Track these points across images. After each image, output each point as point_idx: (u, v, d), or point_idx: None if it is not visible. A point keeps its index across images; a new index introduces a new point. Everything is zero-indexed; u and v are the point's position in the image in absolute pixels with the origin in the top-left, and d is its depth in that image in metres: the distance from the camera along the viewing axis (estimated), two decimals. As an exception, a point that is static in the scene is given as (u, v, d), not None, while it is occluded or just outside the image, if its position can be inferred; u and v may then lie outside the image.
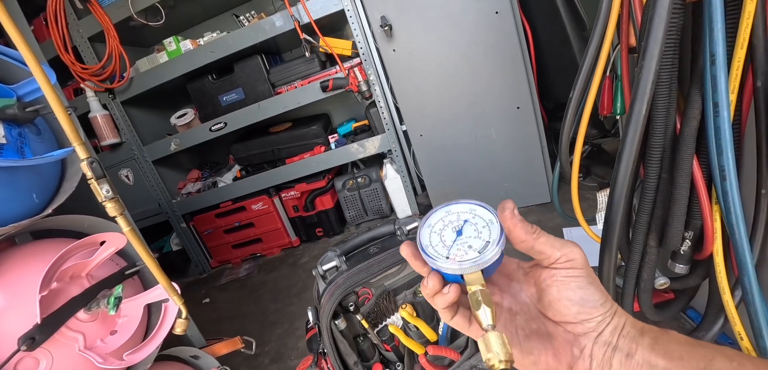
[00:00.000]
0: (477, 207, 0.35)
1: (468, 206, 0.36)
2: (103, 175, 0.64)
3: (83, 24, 1.83)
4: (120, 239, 0.73)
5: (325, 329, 0.80)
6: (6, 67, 0.69)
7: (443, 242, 0.34)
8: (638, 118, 0.55)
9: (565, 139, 0.92)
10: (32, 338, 0.64)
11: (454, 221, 0.35)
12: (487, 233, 0.33)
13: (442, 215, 0.36)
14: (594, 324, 0.31)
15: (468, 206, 0.36)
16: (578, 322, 0.32)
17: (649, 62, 0.50)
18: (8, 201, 0.66)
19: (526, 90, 1.59)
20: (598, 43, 0.82)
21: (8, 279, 0.68)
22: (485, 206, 0.35)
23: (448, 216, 0.36)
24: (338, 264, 0.87)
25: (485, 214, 0.35)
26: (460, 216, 0.35)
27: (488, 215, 0.35)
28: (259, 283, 2.07)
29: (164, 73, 1.92)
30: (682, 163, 0.69)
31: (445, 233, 0.35)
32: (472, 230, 0.34)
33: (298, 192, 2.17)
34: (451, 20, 1.55)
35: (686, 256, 0.80)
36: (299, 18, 1.72)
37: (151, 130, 2.23)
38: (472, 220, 0.35)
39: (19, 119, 0.66)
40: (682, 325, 0.97)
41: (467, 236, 0.34)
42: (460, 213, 0.36)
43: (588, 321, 0.31)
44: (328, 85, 1.81)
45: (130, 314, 0.78)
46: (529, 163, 1.71)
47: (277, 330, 1.58)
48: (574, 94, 0.87)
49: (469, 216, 0.35)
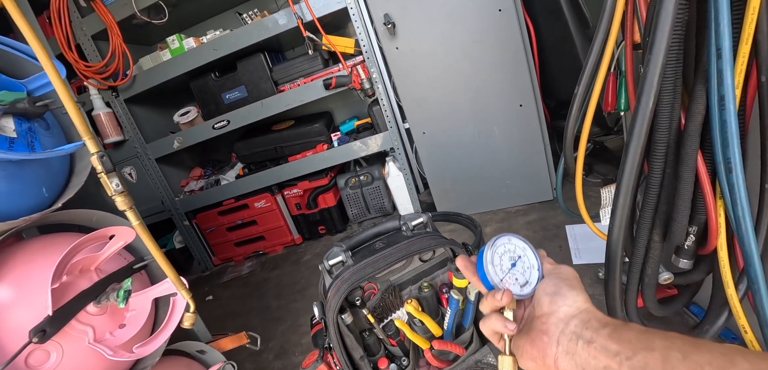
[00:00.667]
0: (528, 249, 0.46)
1: (523, 245, 0.47)
2: (113, 169, 0.65)
3: (86, 22, 1.84)
4: (129, 233, 0.73)
5: (331, 323, 0.81)
6: (16, 62, 0.69)
7: (501, 266, 0.45)
8: (645, 112, 0.56)
9: (570, 135, 0.92)
10: (43, 330, 0.65)
11: (512, 252, 0.46)
12: (528, 274, 0.45)
13: (505, 242, 0.47)
14: (562, 315, 0.39)
15: (523, 243, 0.47)
16: (550, 312, 0.39)
17: (656, 56, 0.50)
18: (18, 195, 0.67)
19: (528, 87, 1.60)
20: (602, 40, 0.82)
21: (19, 272, 0.68)
22: (534, 251, 0.46)
23: (509, 244, 0.46)
24: (344, 259, 0.87)
25: (532, 258, 0.46)
26: (516, 250, 0.46)
27: (533, 260, 0.46)
28: (262, 280, 2.07)
29: (167, 71, 1.92)
30: (686, 158, 0.70)
31: (503, 259, 0.45)
32: (521, 267, 0.45)
33: (300, 190, 2.17)
34: (454, 18, 1.55)
35: (690, 251, 0.81)
36: (302, 16, 1.72)
37: (154, 128, 2.23)
38: (523, 256, 0.46)
39: (29, 114, 0.67)
40: (686, 320, 0.97)
41: (517, 270, 0.45)
42: (516, 247, 0.46)
43: (557, 312, 0.39)
44: (331, 83, 1.82)
45: (138, 308, 0.78)
46: (531, 160, 1.71)
47: (281, 326, 1.58)
48: (578, 91, 0.88)
49: (522, 253, 0.46)
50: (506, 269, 0.45)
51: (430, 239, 0.88)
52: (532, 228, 1.60)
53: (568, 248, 1.38)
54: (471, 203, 1.89)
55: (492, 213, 1.84)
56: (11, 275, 0.67)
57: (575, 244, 1.39)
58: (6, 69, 0.69)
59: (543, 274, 0.45)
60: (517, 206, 1.81)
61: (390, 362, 0.91)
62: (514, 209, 1.80)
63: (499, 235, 0.47)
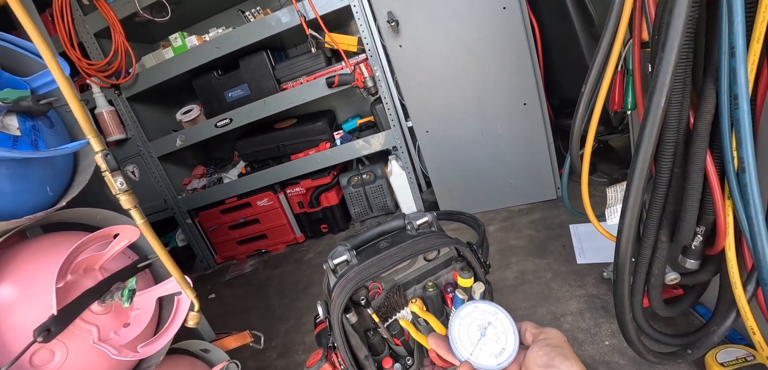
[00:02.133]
0: (499, 312, 0.43)
1: (492, 308, 0.43)
2: (117, 168, 0.64)
3: (89, 20, 1.84)
4: (133, 231, 0.73)
5: (336, 322, 0.80)
6: (19, 59, 0.69)
7: (469, 338, 0.42)
8: (657, 111, 0.55)
9: (576, 133, 0.92)
10: (48, 329, 0.65)
11: (480, 319, 0.43)
12: (504, 340, 0.41)
13: (470, 310, 0.43)
14: None
15: (492, 307, 0.43)
16: None
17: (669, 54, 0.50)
18: (23, 193, 0.67)
19: (533, 86, 1.59)
20: (610, 38, 0.82)
21: (23, 271, 0.68)
22: (506, 313, 0.43)
23: (475, 312, 0.43)
24: (349, 258, 0.87)
25: (505, 321, 0.42)
26: (485, 315, 0.43)
27: (507, 323, 0.42)
28: (264, 279, 2.07)
29: (170, 69, 1.92)
30: (695, 158, 0.69)
31: (471, 329, 0.42)
32: (493, 333, 0.41)
33: (303, 188, 2.17)
34: (458, 15, 1.55)
35: (697, 251, 0.80)
36: (305, 13, 1.72)
37: (157, 126, 2.23)
38: (494, 322, 0.42)
39: (33, 112, 0.66)
40: (691, 321, 0.97)
41: (489, 338, 0.41)
42: (485, 312, 0.43)
43: None
44: (334, 82, 1.81)
45: (143, 307, 0.78)
46: (535, 159, 1.70)
47: (284, 325, 1.58)
48: (585, 89, 0.87)
49: (492, 318, 0.42)
50: (475, 339, 0.41)
51: (434, 239, 0.88)
52: (535, 227, 1.59)
53: (572, 248, 1.38)
54: (474, 201, 1.88)
55: (495, 212, 1.83)
56: (16, 273, 0.67)
57: (579, 243, 1.38)
58: (9, 66, 0.68)
59: (520, 339, 0.42)
60: (521, 205, 1.81)
61: (394, 362, 0.91)
62: (518, 208, 1.79)
63: (464, 303, 0.45)
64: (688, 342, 0.84)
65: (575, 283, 1.21)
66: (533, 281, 1.29)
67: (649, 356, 0.84)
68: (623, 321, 0.81)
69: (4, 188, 0.65)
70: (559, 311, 1.12)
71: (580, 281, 1.21)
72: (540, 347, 0.39)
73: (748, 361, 0.81)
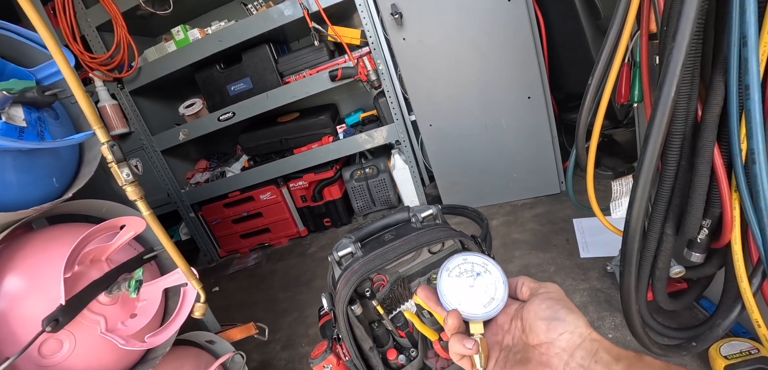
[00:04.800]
0: (489, 262, 0.42)
1: (482, 259, 0.42)
2: (123, 159, 0.65)
3: (91, 13, 1.83)
4: (139, 223, 0.73)
5: (341, 314, 0.81)
6: (24, 50, 0.69)
7: (458, 288, 0.41)
8: (666, 102, 0.55)
9: (582, 126, 0.91)
10: (56, 319, 0.65)
11: (469, 270, 0.42)
12: (493, 290, 0.40)
13: (460, 262, 0.42)
14: (564, 343, 0.34)
15: (482, 259, 0.42)
16: (549, 341, 0.34)
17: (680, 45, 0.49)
18: (29, 185, 0.67)
19: (537, 80, 1.58)
20: (618, 30, 0.81)
21: (31, 262, 0.68)
22: (497, 264, 0.42)
23: (464, 263, 0.42)
24: (353, 250, 0.87)
25: (495, 272, 0.41)
26: (475, 266, 0.42)
27: (497, 274, 0.41)
28: (267, 272, 2.08)
29: (172, 63, 1.91)
30: (703, 150, 0.68)
31: (460, 280, 0.41)
32: (482, 284, 0.41)
33: (306, 182, 2.17)
34: (463, 8, 1.53)
35: (703, 244, 0.80)
36: (308, 6, 1.71)
37: (160, 119, 2.23)
38: (483, 273, 0.41)
39: (39, 103, 0.66)
40: (695, 315, 0.97)
41: (478, 288, 0.40)
42: (474, 263, 0.42)
43: (557, 340, 0.34)
44: (337, 75, 1.81)
45: (149, 298, 0.78)
46: (539, 154, 1.70)
47: (288, 318, 1.59)
48: (592, 81, 0.86)
49: (481, 269, 0.41)
50: (464, 289, 0.41)
51: (439, 231, 0.88)
52: (539, 221, 1.59)
53: (575, 242, 1.37)
54: (478, 196, 1.88)
55: (499, 206, 1.83)
56: (23, 265, 0.67)
57: (583, 237, 1.38)
58: (14, 57, 0.68)
59: (516, 293, 0.40)
60: (524, 199, 1.80)
61: (399, 353, 0.91)
62: (521, 203, 1.79)
63: (453, 254, 0.43)
64: (692, 335, 0.84)
65: (579, 277, 1.21)
66: (536, 274, 1.29)
67: (653, 348, 0.84)
68: (629, 313, 0.81)
69: (10, 180, 0.65)
70: (562, 304, 1.12)
71: (584, 275, 1.21)
72: (542, 299, 0.37)
73: (752, 354, 0.81)
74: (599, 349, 0.32)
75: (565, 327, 0.34)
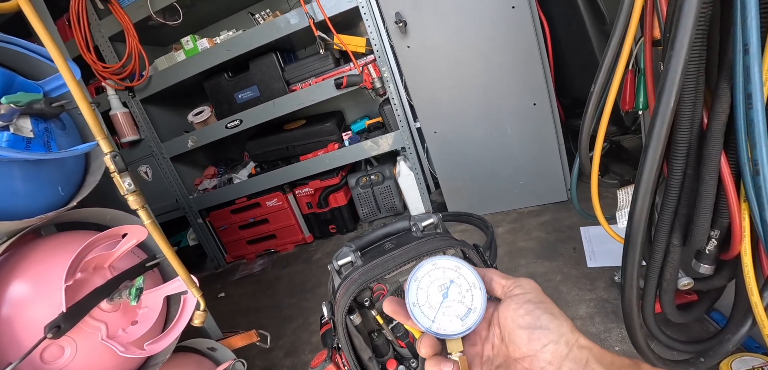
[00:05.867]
0: (462, 266, 0.37)
1: (454, 263, 0.37)
2: (126, 169, 0.66)
3: (104, 24, 1.88)
4: (141, 231, 0.74)
5: (340, 324, 0.80)
6: (33, 64, 0.71)
7: (429, 302, 0.36)
8: (666, 112, 0.53)
9: (586, 134, 0.90)
10: (58, 326, 0.67)
11: (440, 277, 0.37)
12: (470, 299, 0.35)
13: (429, 269, 0.37)
14: (549, 356, 0.30)
15: (454, 262, 0.37)
16: (532, 354, 0.31)
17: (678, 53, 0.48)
18: (35, 193, 0.69)
19: (542, 86, 1.56)
20: (620, 36, 0.80)
21: (35, 269, 0.70)
22: (470, 267, 0.37)
23: (434, 270, 0.37)
24: (353, 260, 0.87)
25: (469, 276, 0.36)
26: (446, 273, 0.37)
27: (472, 278, 0.36)
28: (273, 278, 2.09)
29: (182, 72, 1.96)
30: (709, 159, 0.67)
31: (431, 291, 0.36)
32: (457, 293, 0.36)
33: (312, 189, 2.18)
34: (467, 15, 1.53)
35: (711, 256, 0.77)
36: (314, 15, 1.73)
37: (169, 127, 2.28)
38: (457, 280, 0.36)
39: (46, 114, 0.68)
40: (706, 327, 0.94)
41: (452, 299, 0.36)
42: (446, 270, 0.37)
43: (541, 353, 0.31)
44: (343, 83, 1.82)
45: (150, 305, 0.79)
46: (545, 160, 1.68)
47: (292, 325, 1.59)
48: (594, 89, 0.85)
49: (454, 275, 0.37)
50: (437, 303, 0.36)
51: (440, 240, 0.87)
52: (545, 229, 1.57)
53: (582, 250, 1.35)
54: (483, 203, 1.86)
55: (504, 213, 1.81)
56: (29, 271, 0.69)
57: (590, 246, 1.35)
58: (24, 70, 0.70)
59: (487, 293, 0.36)
60: (530, 206, 1.78)
61: (399, 364, 0.90)
62: (527, 210, 1.76)
63: (420, 262, 0.37)
64: (701, 349, 0.81)
65: (585, 287, 1.18)
66: (542, 284, 1.26)
67: (658, 363, 0.82)
68: (631, 327, 0.79)
69: (18, 188, 0.67)
70: (568, 314, 1.10)
71: (591, 285, 1.18)
72: (519, 303, 0.33)
73: (765, 370, 0.78)
74: (589, 359, 0.29)
75: (548, 337, 0.31)
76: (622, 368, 0.29)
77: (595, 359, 0.29)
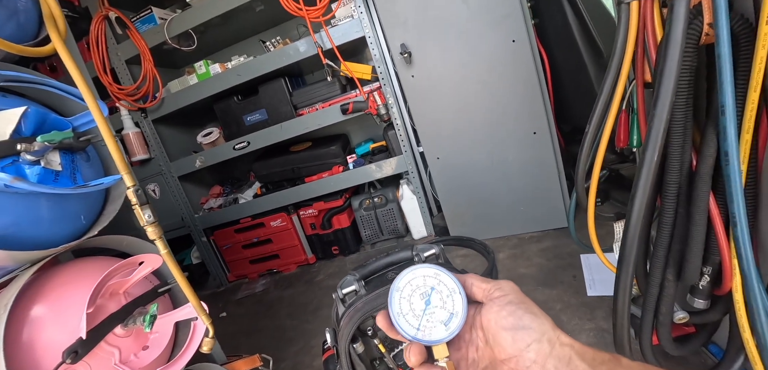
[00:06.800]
0: (440, 273, 0.39)
1: (433, 270, 0.39)
2: (147, 202, 0.70)
3: (121, 48, 1.97)
4: (156, 259, 0.78)
5: (343, 352, 0.83)
6: (62, 101, 0.76)
7: (413, 310, 0.37)
8: (650, 165, 0.57)
9: (582, 167, 0.93)
10: (75, 351, 0.70)
11: (421, 285, 0.38)
12: (451, 304, 0.37)
13: (410, 278, 0.39)
14: (533, 355, 0.31)
15: (433, 270, 0.39)
16: (517, 354, 0.32)
17: (661, 111, 0.52)
18: (60, 222, 0.73)
19: (542, 115, 1.61)
20: (613, 78, 0.84)
21: (56, 295, 0.73)
22: (448, 272, 0.39)
23: (415, 279, 0.39)
24: (357, 288, 0.89)
25: (449, 282, 0.38)
26: (427, 280, 0.38)
27: (451, 284, 0.38)
28: (275, 299, 2.11)
29: (194, 94, 2.03)
30: (698, 200, 0.70)
31: (413, 300, 0.38)
32: (438, 299, 0.37)
33: (315, 210, 2.22)
34: (470, 48, 1.60)
35: (705, 291, 0.80)
36: (322, 44, 1.80)
37: (178, 147, 2.34)
38: (437, 287, 0.38)
39: (74, 148, 0.73)
40: (704, 360, 0.95)
41: (434, 306, 0.37)
42: (426, 277, 0.38)
43: (525, 352, 0.32)
44: (349, 108, 1.88)
45: (161, 331, 0.82)
46: (545, 187, 1.71)
47: (293, 347, 1.61)
48: (590, 128, 0.89)
49: (434, 282, 0.38)
50: (420, 311, 0.37)
51: (441, 271, 0.90)
52: (545, 256, 1.59)
53: (582, 278, 1.37)
54: (484, 227, 1.89)
55: (505, 239, 1.83)
56: (49, 297, 0.72)
57: (590, 274, 1.37)
58: (54, 106, 0.76)
59: (468, 297, 0.37)
60: (531, 232, 1.80)
61: (400, 392, 0.92)
62: (528, 236, 1.79)
63: (402, 271, 0.39)
64: (698, 384, 0.83)
65: (585, 316, 1.20)
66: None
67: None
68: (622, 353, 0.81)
69: (43, 218, 0.71)
70: (567, 344, 1.12)
71: (590, 314, 1.20)
72: (501, 305, 0.34)
73: (761, 406, 0.79)
74: (572, 356, 0.30)
75: (531, 336, 0.32)
76: (603, 363, 0.30)
77: (578, 356, 0.31)
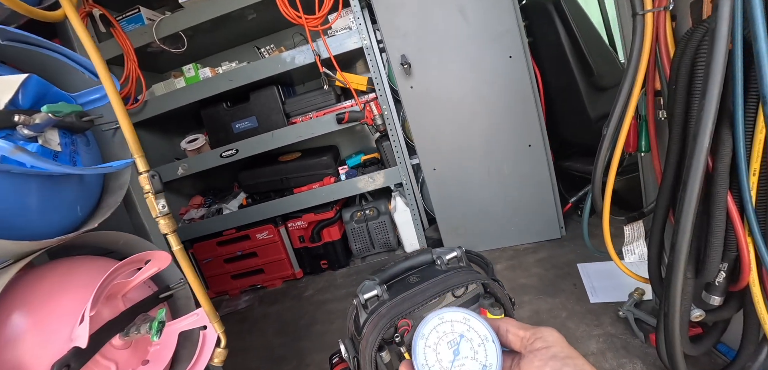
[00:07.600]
0: (471, 318, 0.34)
1: (461, 315, 0.35)
2: (162, 190, 0.63)
3: (104, 47, 1.84)
4: (164, 258, 0.70)
5: (369, 361, 0.77)
6: (65, 76, 0.68)
7: (439, 362, 0.33)
8: (700, 157, 0.59)
9: (600, 172, 0.96)
10: (67, 364, 0.60)
11: (449, 332, 0.34)
12: (483, 355, 0.33)
13: (436, 324, 0.35)
14: None
15: (461, 314, 0.35)
16: None
17: (709, 106, 0.54)
18: (55, 211, 0.64)
19: (537, 129, 1.66)
20: (630, 84, 0.88)
21: (45, 295, 0.63)
22: (479, 317, 0.34)
23: (441, 325, 0.34)
24: (379, 293, 0.84)
25: (480, 328, 0.34)
26: (454, 327, 0.34)
27: (483, 330, 0.34)
28: (260, 316, 1.98)
29: (180, 98, 1.92)
30: (717, 198, 0.73)
31: (440, 349, 0.33)
32: (469, 349, 0.33)
33: (305, 222, 2.14)
34: (468, 62, 1.63)
35: (721, 287, 0.82)
36: (320, 53, 1.78)
37: (159, 153, 2.20)
38: (467, 334, 0.34)
39: (75, 128, 0.65)
40: (715, 360, 0.98)
41: (464, 356, 0.33)
42: (454, 323, 0.34)
43: None
44: (345, 118, 1.85)
45: (163, 342, 0.73)
46: (540, 199, 1.75)
47: (286, 366, 1.50)
48: (607, 132, 0.92)
49: (464, 329, 0.34)
50: (448, 363, 0.33)
51: (465, 274, 0.87)
52: (543, 266, 1.61)
53: (582, 286, 1.39)
54: (479, 240, 1.89)
55: (501, 250, 1.84)
56: (38, 297, 0.62)
57: (590, 282, 1.39)
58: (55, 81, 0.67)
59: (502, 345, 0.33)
60: (526, 243, 1.83)
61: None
62: (523, 247, 1.81)
63: (426, 316, 0.35)
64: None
65: (592, 322, 1.21)
66: (549, 320, 1.29)
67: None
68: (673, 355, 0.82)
69: (33, 204, 0.61)
70: (580, 351, 1.11)
71: (597, 321, 1.21)
72: (544, 360, 0.31)
73: (776, 401, 0.82)
74: None
75: None
76: None
77: None
